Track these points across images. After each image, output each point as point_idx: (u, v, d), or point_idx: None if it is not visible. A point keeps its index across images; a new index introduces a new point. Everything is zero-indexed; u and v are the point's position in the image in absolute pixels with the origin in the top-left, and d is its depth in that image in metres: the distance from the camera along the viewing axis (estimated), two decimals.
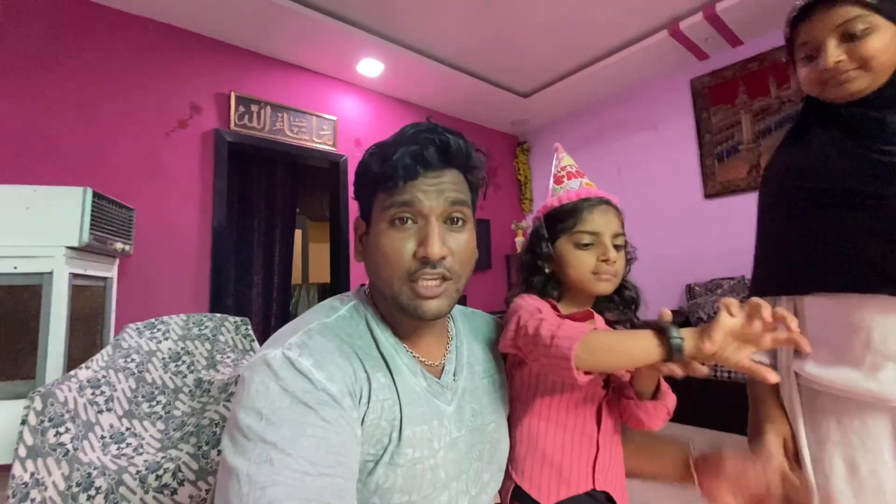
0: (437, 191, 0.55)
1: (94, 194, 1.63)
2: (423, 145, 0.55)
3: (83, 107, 2.23)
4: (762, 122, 2.95)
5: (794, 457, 0.76)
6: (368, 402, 0.52)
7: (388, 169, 0.54)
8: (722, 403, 2.40)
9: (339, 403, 0.48)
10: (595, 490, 0.68)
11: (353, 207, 3.44)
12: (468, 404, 0.63)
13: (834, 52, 0.68)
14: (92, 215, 1.60)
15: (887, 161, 0.66)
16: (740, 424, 0.84)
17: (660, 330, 0.53)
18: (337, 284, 3.17)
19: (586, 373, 0.55)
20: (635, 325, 0.79)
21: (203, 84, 2.63)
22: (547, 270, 0.76)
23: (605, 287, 0.73)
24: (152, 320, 1.13)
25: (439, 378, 0.62)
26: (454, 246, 0.56)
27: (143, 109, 2.41)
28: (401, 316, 0.58)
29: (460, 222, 0.58)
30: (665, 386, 0.68)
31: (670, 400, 0.68)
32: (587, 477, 0.68)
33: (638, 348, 0.54)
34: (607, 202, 0.76)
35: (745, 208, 2.92)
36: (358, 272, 3.17)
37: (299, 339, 0.51)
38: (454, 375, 0.64)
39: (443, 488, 0.56)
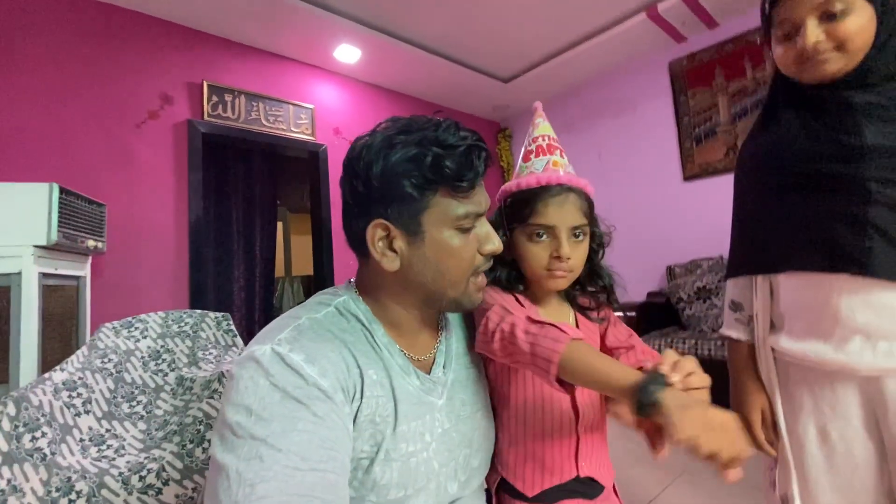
0: (484, 192, 0.60)
1: (62, 190, 1.57)
2: (487, 151, 0.58)
3: (48, 98, 2.13)
4: (738, 103, 2.99)
5: (773, 427, 0.79)
6: (362, 397, 0.51)
7: (464, 171, 0.54)
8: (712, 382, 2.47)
9: (330, 398, 0.47)
10: (579, 476, 0.69)
11: (335, 198, 3.40)
12: (457, 395, 0.64)
13: (814, 32, 0.68)
14: (60, 212, 1.54)
15: (852, 143, 0.68)
16: (723, 401, 0.86)
17: (643, 380, 0.48)
18: (321, 276, 3.13)
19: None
20: (617, 308, 0.79)
21: (174, 73, 2.54)
22: (507, 258, 0.72)
23: (560, 284, 0.70)
24: (129, 319, 1.09)
25: (429, 373, 0.62)
26: None
27: (111, 100, 2.31)
28: (443, 310, 0.62)
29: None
30: None
31: None
32: (570, 466, 0.68)
33: (612, 382, 0.50)
34: (570, 189, 0.69)
35: (723, 189, 2.98)
36: (342, 264, 3.13)
37: (289, 334, 0.50)
38: (444, 368, 0.64)
39: (433, 476, 0.57)
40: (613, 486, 0.75)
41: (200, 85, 2.61)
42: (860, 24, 0.67)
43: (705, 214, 3.07)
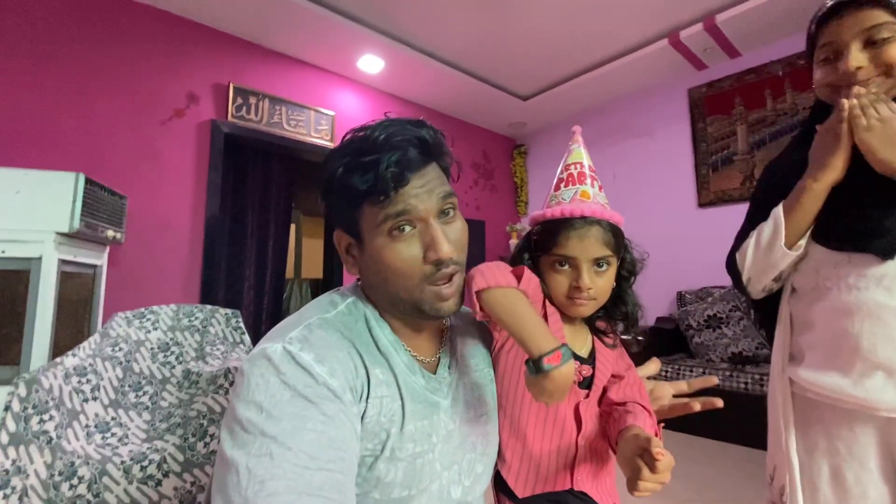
0: (427, 191, 0.55)
1: (87, 180, 1.61)
2: (404, 149, 0.54)
3: (79, 93, 2.20)
4: (757, 133, 2.98)
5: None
6: (367, 398, 0.52)
7: (377, 183, 0.52)
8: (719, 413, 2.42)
9: (339, 398, 0.48)
10: (573, 490, 0.68)
11: None
12: (462, 397, 0.64)
13: (857, 57, 0.68)
14: (84, 201, 1.58)
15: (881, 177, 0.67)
16: (732, 433, 0.84)
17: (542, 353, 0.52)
18: (330, 280, 3.16)
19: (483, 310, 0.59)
20: (638, 338, 0.78)
21: (201, 74, 2.62)
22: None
23: (582, 311, 0.71)
24: (142, 310, 1.11)
25: (434, 373, 0.62)
26: (453, 237, 0.57)
27: (139, 97, 2.38)
28: (410, 316, 0.59)
29: (451, 212, 0.58)
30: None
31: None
32: (564, 476, 0.68)
33: (523, 333, 0.55)
34: (595, 222, 0.70)
35: (737, 218, 2.92)
36: None
37: (300, 333, 0.51)
38: (449, 369, 0.65)
39: (436, 478, 0.57)
40: None
41: (226, 86, 2.68)
42: None
43: (719, 242, 3.01)
